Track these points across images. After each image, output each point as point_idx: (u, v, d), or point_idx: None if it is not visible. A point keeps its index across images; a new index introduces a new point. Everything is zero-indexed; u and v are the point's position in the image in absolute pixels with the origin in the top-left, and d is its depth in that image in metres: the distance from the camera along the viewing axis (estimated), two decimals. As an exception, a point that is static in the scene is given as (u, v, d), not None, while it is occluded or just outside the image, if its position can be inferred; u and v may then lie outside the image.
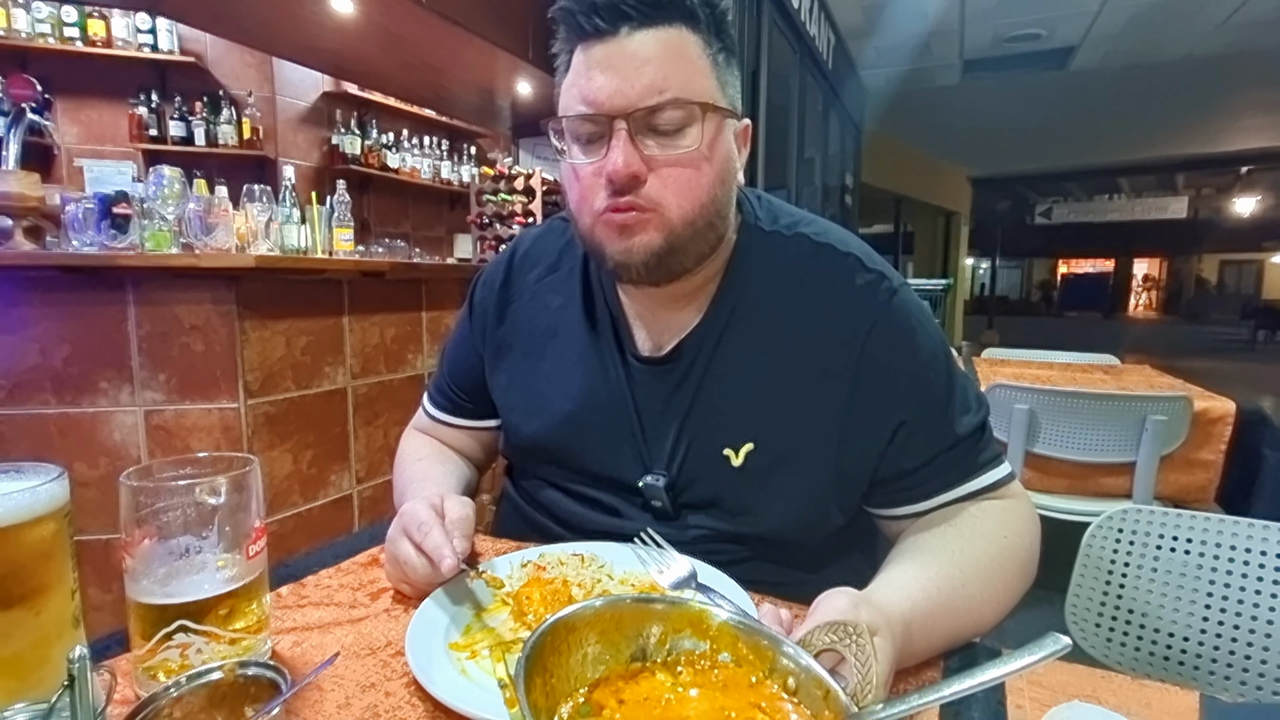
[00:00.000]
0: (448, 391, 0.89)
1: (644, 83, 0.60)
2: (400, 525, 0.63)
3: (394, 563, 0.63)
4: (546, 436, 0.77)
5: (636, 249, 0.64)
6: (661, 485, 0.71)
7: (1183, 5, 4.63)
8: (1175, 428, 1.86)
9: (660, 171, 0.63)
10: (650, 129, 0.62)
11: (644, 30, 0.61)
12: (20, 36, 3.25)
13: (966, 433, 0.67)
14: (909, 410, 0.67)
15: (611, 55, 0.61)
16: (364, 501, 2.07)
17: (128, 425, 1.64)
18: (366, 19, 2.54)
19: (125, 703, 0.46)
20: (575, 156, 0.65)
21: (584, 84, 0.62)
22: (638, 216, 0.63)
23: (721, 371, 0.70)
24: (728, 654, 0.43)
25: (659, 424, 0.72)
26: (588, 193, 0.65)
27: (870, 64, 5.82)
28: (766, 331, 0.70)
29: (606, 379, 0.75)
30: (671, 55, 0.61)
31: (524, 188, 3.05)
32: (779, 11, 3.64)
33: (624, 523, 0.74)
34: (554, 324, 0.79)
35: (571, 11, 0.63)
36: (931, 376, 0.68)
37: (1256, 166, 13.76)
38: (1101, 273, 28.17)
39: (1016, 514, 0.67)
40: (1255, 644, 0.79)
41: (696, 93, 0.62)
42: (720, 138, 0.65)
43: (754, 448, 0.68)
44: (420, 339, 2.26)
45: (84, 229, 1.71)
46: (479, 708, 0.44)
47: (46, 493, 0.47)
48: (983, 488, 0.67)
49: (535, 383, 0.79)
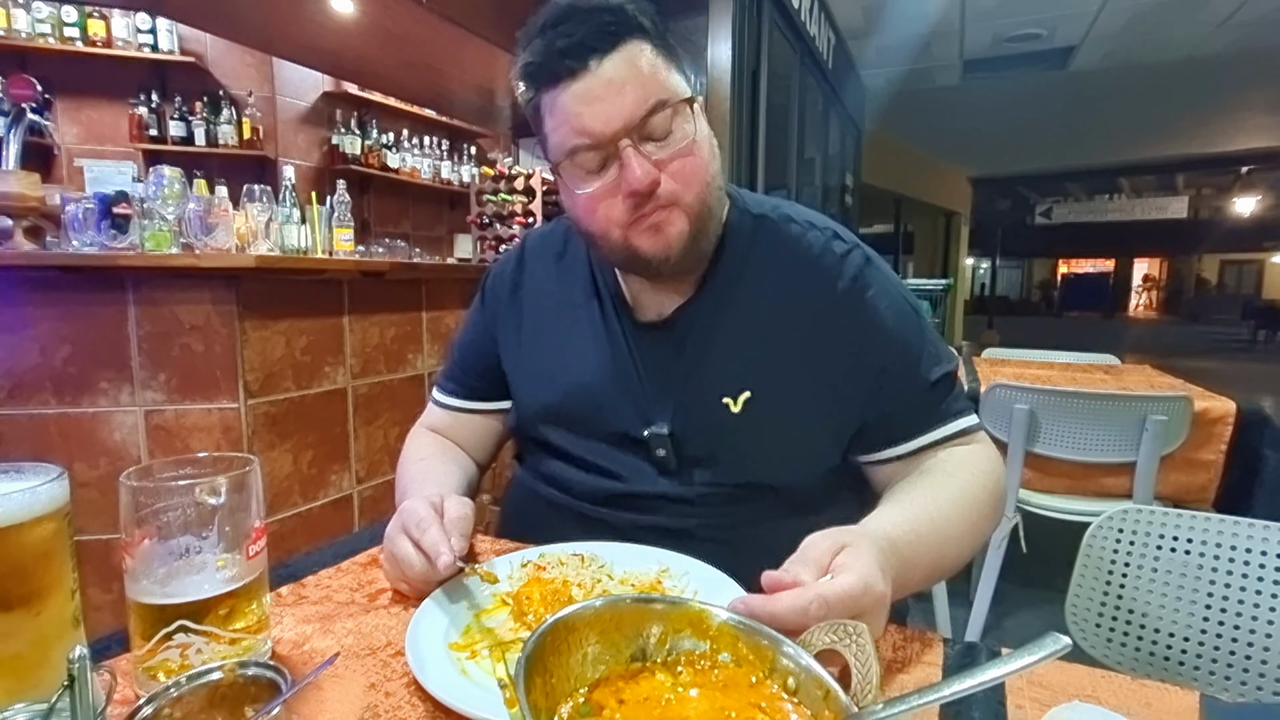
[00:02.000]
0: (459, 377, 0.94)
1: (629, 100, 0.66)
2: (399, 522, 0.64)
3: (391, 560, 0.64)
4: (555, 401, 0.83)
5: (674, 241, 0.70)
6: (666, 433, 0.76)
7: (1183, 5, 4.62)
8: (1175, 428, 1.86)
9: (668, 169, 0.69)
10: (647, 137, 0.68)
11: (609, 55, 0.66)
12: (20, 36, 3.26)
13: (938, 379, 0.76)
14: (888, 358, 0.75)
15: (592, 87, 0.66)
16: (364, 501, 2.07)
17: (128, 425, 1.64)
18: (366, 19, 2.54)
19: (125, 703, 0.46)
20: (588, 186, 0.69)
21: (575, 121, 0.67)
22: (664, 214, 0.70)
23: (719, 331, 0.77)
24: (728, 654, 0.43)
25: (661, 380, 0.78)
26: (609, 211, 0.70)
27: (870, 64, 5.82)
28: (759, 296, 0.77)
29: (610, 345, 0.81)
30: (639, 68, 0.67)
31: (524, 188, 3.05)
32: (779, 11, 3.64)
33: (631, 486, 0.78)
34: (561, 304, 0.86)
35: (538, 63, 0.68)
36: (906, 330, 0.76)
37: (1256, 166, 13.73)
38: (1102, 273, 28.18)
39: (983, 456, 0.77)
40: (1255, 644, 0.79)
41: (671, 91, 0.69)
42: (699, 121, 0.72)
43: (751, 396, 0.74)
44: (420, 339, 2.26)
45: (84, 229, 1.71)
46: (479, 708, 0.44)
47: (46, 493, 0.47)
48: (956, 432, 0.76)
49: (544, 355, 0.85)
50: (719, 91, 3.06)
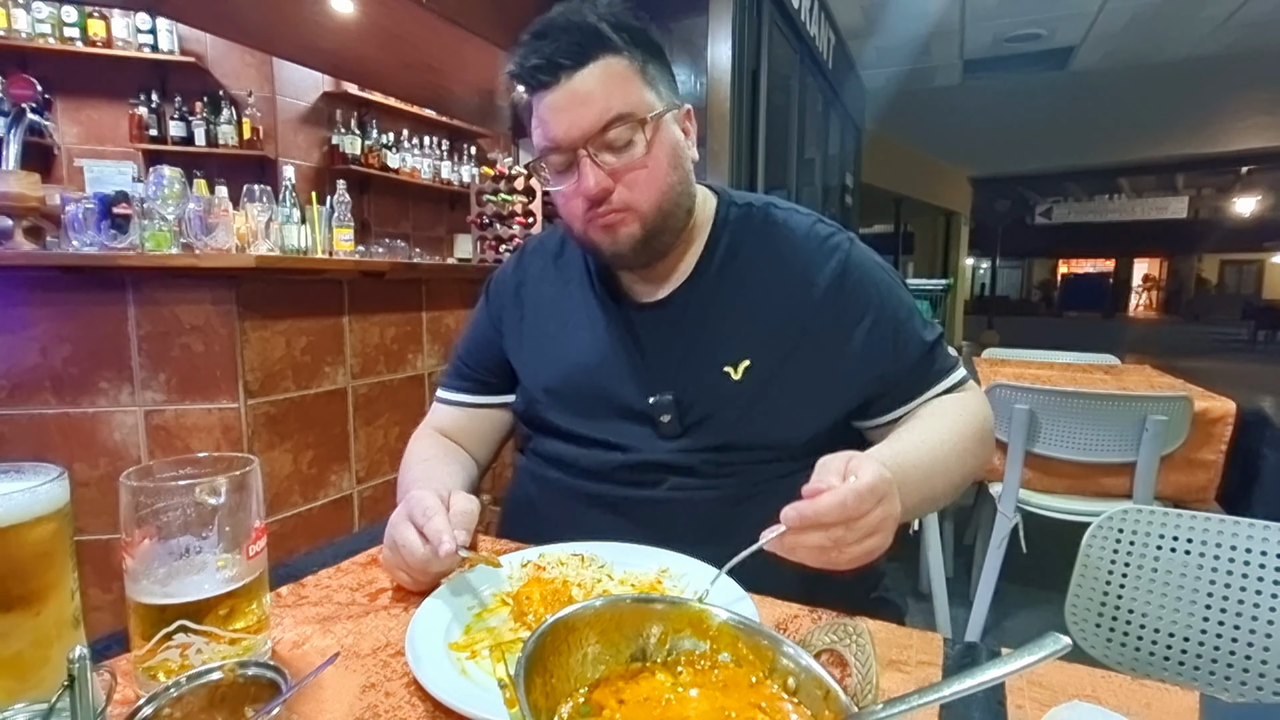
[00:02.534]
0: (465, 372, 0.97)
1: (591, 114, 0.72)
2: (405, 510, 0.65)
3: (393, 548, 0.65)
4: (558, 381, 0.86)
5: (623, 241, 0.77)
6: (670, 399, 0.80)
7: (1183, 5, 4.62)
8: (1175, 428, 1.86)
9: (624, 178, 0.75)
10: (605, 147, 0.74)
11: (579, 70, 0.73)
12: (20, 36, 3.25)
13: (931, 341, 0.83)
14: (882, 329, 0.80)
15: (559, 99, 0.73)
16: (364, 502, 2.07)
17: (128, 425, 1.64)
18: (366, 19, 2.54)
19: (125, 703, 0.46)
20: (556, 185, 0.78)
21: (545, 127, 0.75)
22: (617, 216, 0.76)
23: (715, 307, 0.82)
24: (728, 654, 0.43)
25: (661, 354, 0.82)
26: (573, 209, 0.78)
27: (870, 64, 5.81)
28: (752, 274, 0.83)
29: (609, 325, 0.85)
30: (605, 83, 0.73)
31: (524, 188, 3.05)
32: (779, 11, 3.64)
33: (634, 456, 0.80)
34: (560, 295, 0.91)
35: (517, 74, 0.76)
36: (894, 301, 0.82)
37: (1256, 166, 13.73)
38: (1102, 273, 28.17)
39: (972, 397, 0.84)
40: (1255, 644, 0.79)
41: (634, 106, 0.74)
42: (663, 134, 0.77)
43: (751, 363, 0.79)
44: (420, 339, 2.26)
45: (84, 229, 1.71)
46: (479, 708, 0.44)
47: (46, 493, 0.47)
48: (948, 387, 0.83)
49: (547, 342, 0.89)
50: (719, 91, 3.06)
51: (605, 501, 0.81)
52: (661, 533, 0.72)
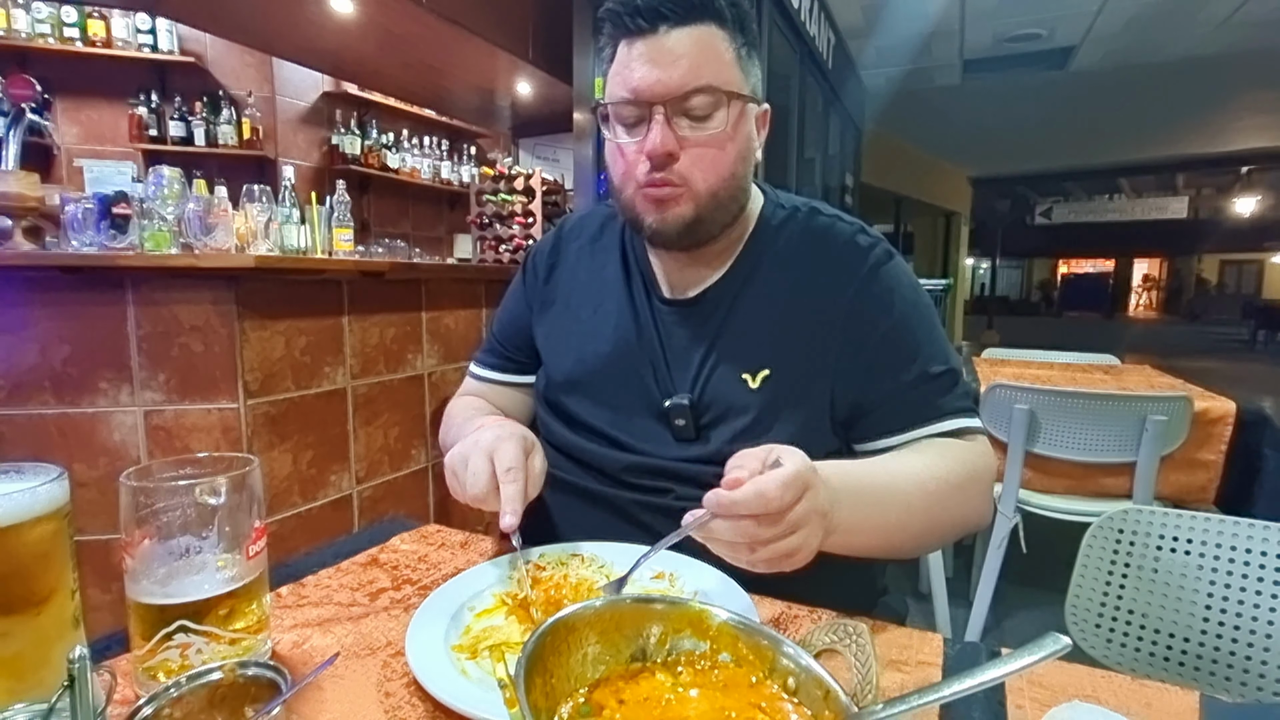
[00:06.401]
0: (497, 350, 0.97)
1: (679, 74, 0.69)
2: (490, 443, 0.67)
3: (461, 467, 0.67)
4: (579, 369, 0.85)
5: (670, 219, 0.74)
6: (686, 404, 0.78)
7: (1183, 5, 4.62)
8: (1175, 428, 1.86)
9: (691, 150, 0.72)
10: (683, 113, 0.71)
11: (679, 28, 0.70)
12: (20, 36, 3.25)
13: (938, 374, 0.76)
14: (887, 344, 0.76)
15: (651, 50, 0.70)
16: (364, 502, 2.07)
17: (127, 425, 1.64)
18: (366, 19, 2.54)
19: (125, 703, 0.46)
20: (620, 137, 0.75)
21: (627, 74, 0.71)
22: (671, 191, 0.73)
23: (741, 313, 0.80)
24: (728, 654, 0.43)
25: (684, 355, 0.81)
26: (630, 168, 0.74)
27: (870, 64, 5.82)
28: (784, 279, 0.80)
29: (637, 318, 0.84)
30: (702, 49, 0.70)
31: (524, 188, 3.05)
32: (779, 11, 3.64)
33: (644, 459, 0.79)
34: (594, 281, 0.89)
35: (617, 12, 0.72)
36: (913, 322, 0.78)
37: (1256, 166, 13.73)
38: (1102, 273, 28.18)
39: (973, 447, 0.75)
40: (1255, 644, 0.79)
41: (723, 82, 0.71)
42: (743, 121, 0.75)
43: (770, 374, 0.77)
44: (420, 339, 2.25)
45: (83, 229, 1.71)
46: (479, 708, 0.44)
47: (46, 493, 0.47)
48: (952, 430, 0.75)
49: (574, 329, 0.88)
50: (719, 91, 3.05)
51: (611, 504, 0.80)
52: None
